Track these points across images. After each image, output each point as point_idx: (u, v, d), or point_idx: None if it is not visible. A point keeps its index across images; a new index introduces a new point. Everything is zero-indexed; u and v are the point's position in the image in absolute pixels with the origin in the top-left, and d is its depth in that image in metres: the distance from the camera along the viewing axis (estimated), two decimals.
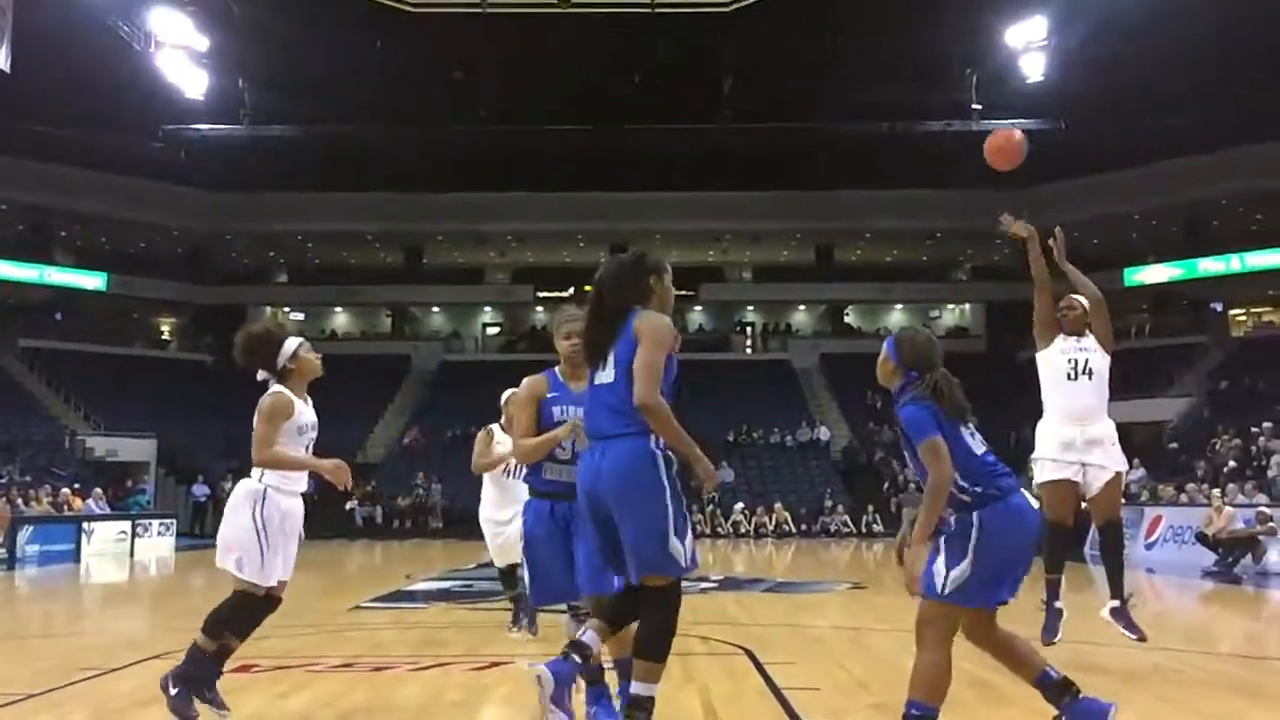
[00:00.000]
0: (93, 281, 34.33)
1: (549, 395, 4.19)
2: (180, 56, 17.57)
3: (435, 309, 40.90)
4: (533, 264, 39.68)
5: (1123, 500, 5.99)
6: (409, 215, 35.60)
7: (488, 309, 40.98)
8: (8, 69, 15.51)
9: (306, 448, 4.48)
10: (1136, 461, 20.79)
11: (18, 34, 15.59)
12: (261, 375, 4.53)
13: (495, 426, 6.81)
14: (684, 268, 39.53)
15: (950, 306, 40.73)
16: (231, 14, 16.42)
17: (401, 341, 38.74)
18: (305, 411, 4.48)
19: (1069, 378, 5.93)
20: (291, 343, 4.52)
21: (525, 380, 4.31)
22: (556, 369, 4.31)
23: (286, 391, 4.46)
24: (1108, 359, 5.95)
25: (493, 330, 40.63)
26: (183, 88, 18.77)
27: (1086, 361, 5.91)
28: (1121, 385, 6.59)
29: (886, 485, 28.52)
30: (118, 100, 22.41)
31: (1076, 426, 5.82)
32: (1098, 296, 6.12)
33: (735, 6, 13.19)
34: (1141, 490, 19.74)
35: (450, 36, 18.87)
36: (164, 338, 38.54)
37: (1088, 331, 6.04)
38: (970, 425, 3.65)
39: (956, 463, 3.49)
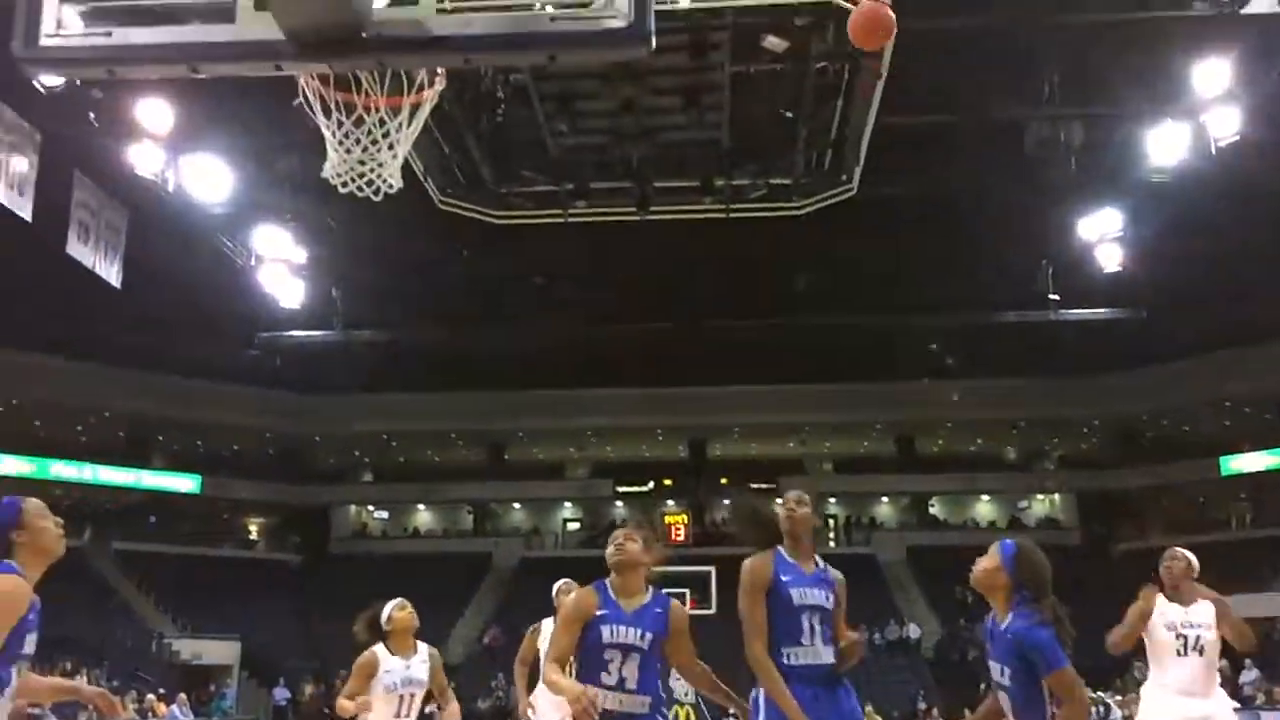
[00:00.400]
0: (186, 484, 35.23)
1: (598, 613, 3.98)
2: (279, 269, 18.41)
3: (516, 505, 41.06)
4: (612, 459, 39.85)
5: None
6: (491, 413, 36.22)
7: (568, 504, 41.02)
8: (118, 285, 16.41)
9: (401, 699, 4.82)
10: (1249, 662, 19.66)
11: (127, 251, 16.57)
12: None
13: (547, 622, 6.45)
14: (763, 461, 39.47)
15: (1039, 497, 39.77)
16: (329, 228, 17.25)
17: (483, 538, 38.82)
18: (396, 666, 4.92)
19: (1178, 654, 5.54)
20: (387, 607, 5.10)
21: (574, 594, 4.16)
22: (609, 581, 4.10)
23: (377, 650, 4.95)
24: (1217, 634, 5.51)
25: (573, 525, 40.54)
26: (280, 297, 19.56)
27: (1198, 639, 5.49)
28: (1224, 579, 6.31)
29: (983, 686, 27.27)
30: (218, 311, 23.50)
31: (1188, 701, 5.48)
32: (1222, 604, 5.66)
33: (809, 210, 13.53)
34: (1256, 693, 18.61)
35: (532, 243, 19.58)
36: (252, 538, 39.10)
37: (1197, 597, 5.62)
38: None
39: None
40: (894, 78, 11.22)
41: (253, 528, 39.51)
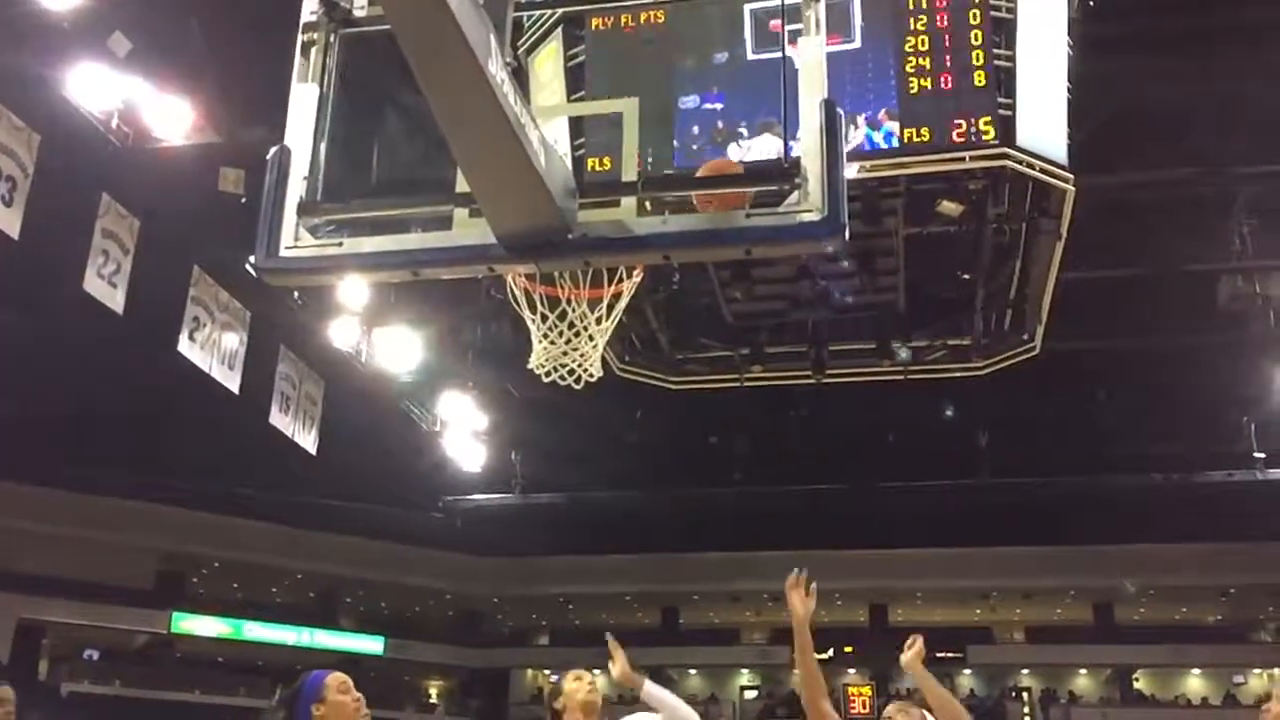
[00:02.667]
0: (373, 645, 36.00)
1: None
2: (462, 434, 19.08)
3: (692, 671, 40.27)
4: (790, 624, 38.82)
5: None
6: (665, 576, 36.02)
7: (745, 671, 39.99)
8: (314, 451, 17.28)
9: None
10: None
11: (324, 419, 17.50)
12: None
13: None
14: (950, 628, 37.79)
15: (1257, 671, 36.65)
16: (510, 395, 17.86)
17: None
18: None
19: None
20: None
21: None
22: None
23: None
24: None
25: (750, 694, 39.41)
26: (462, 462, 20.21)
27: None
28: None
29: None
30: (404, 475, 24.41)
31: None
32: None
33: (989, 370, 13.28)
34: None
35: (707, 405, 19.76)
36: (432, 701, 39.42)
37: None
38: None
39: None
40: (1077, 234, 11.05)
41: (433, 690, 39.88)
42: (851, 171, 10.17)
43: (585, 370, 4.17)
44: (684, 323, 14.08)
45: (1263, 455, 19.10)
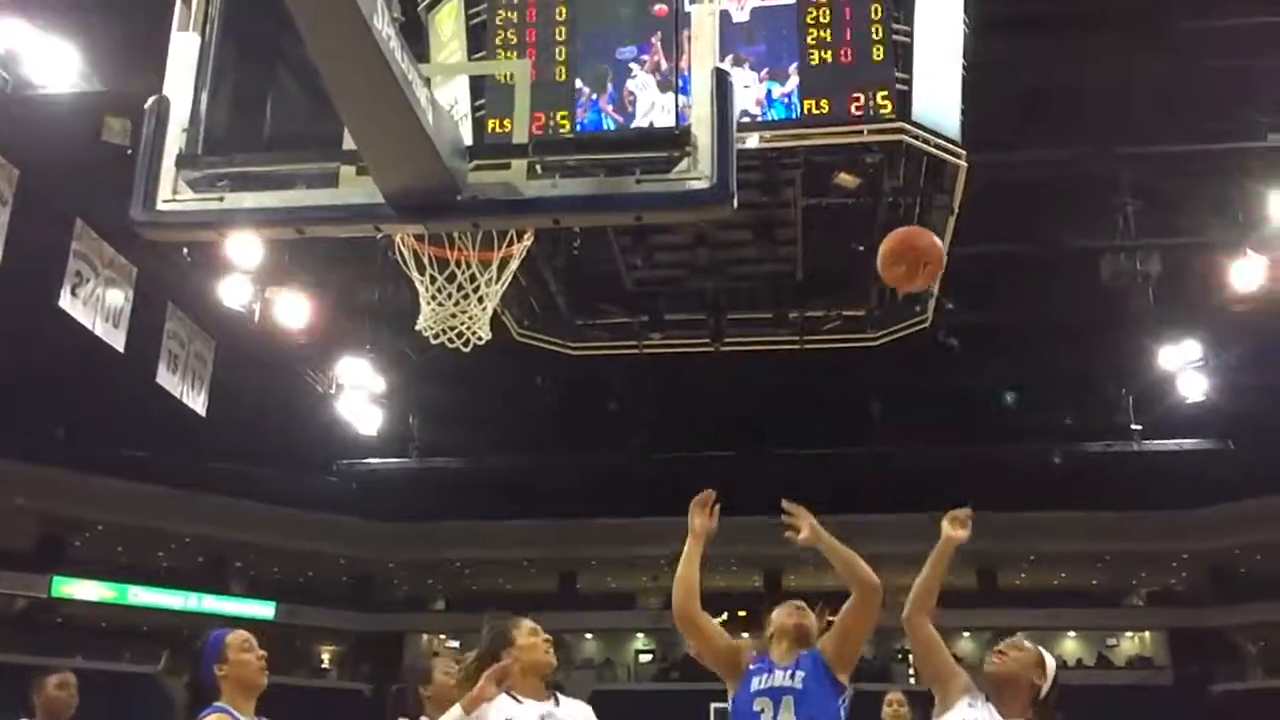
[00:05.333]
0: (263, 610, 35.44)
1: None
2: (358, 397, 18.81)
3: (588, 635, 40.55)
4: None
5: None
6: (563, 541, 36.13)
7: (640, 635, 40.41)
8: (203, 412, 16.89)
9: None
10: None
11: (214, 381, 17.10)
12: None
13: None
14: (841, 593, 38.57)
15: (1128, 635, 38.30)
16: (408, 358, 17.65)
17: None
18: None
19: None
20: None
21: None
22: None
23: None
24: None
25: (646, 658, 39.86)
26: (358, 426, 19.95)
27: None
28: None
29: None
30: (297, 437, 24.01)
31: None
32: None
33: (883, 341, 13.54)
34: None
35: (606, 372, 19.81)
36: (323, 666, 39.04)
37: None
38: None
39: None
40: (968, 210, 11.31)
41: (325, 656, 39.48)
42: (752, 141, 10.25)
43: (474, 333, 4.14)
44: (584, 288, 14.07)
45: (1139, 428, 19.82)
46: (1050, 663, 3.69)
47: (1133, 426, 19.88)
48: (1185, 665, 34.62)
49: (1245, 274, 13.67)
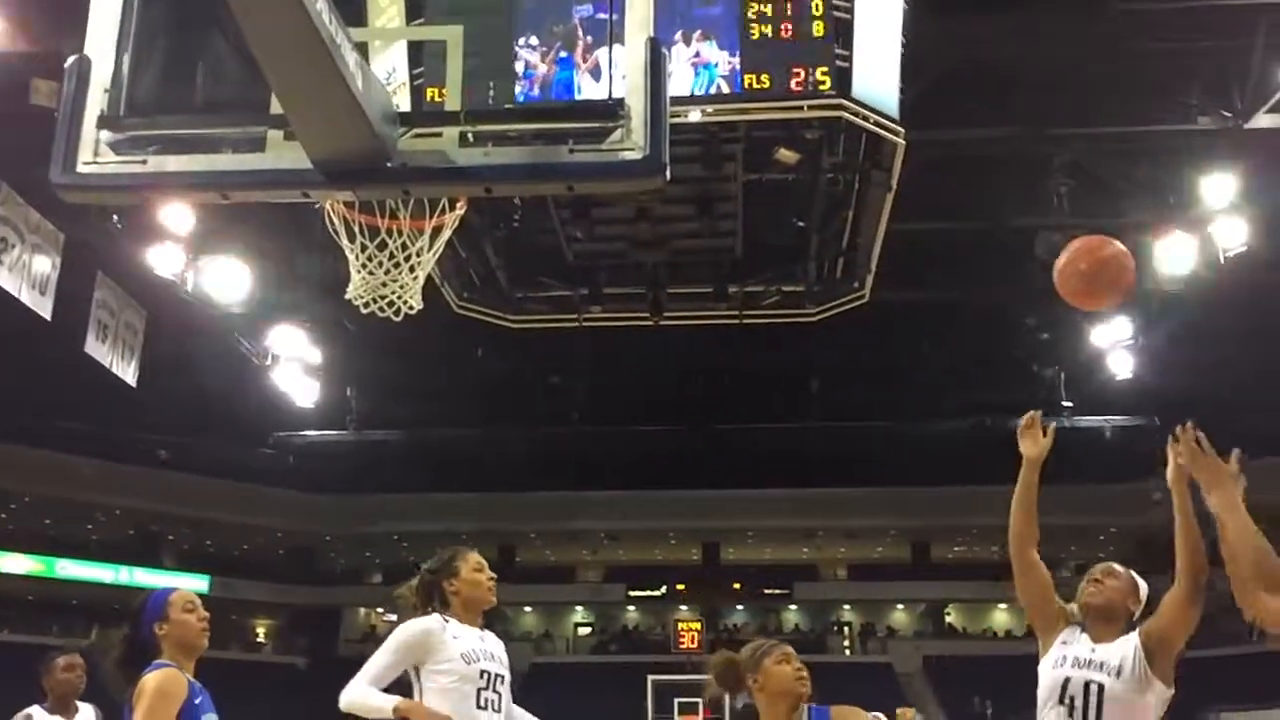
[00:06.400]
0: (197, 584, 34.99)
1: None
2: (295, 369, 18.58)
3: (527, 608, 40.61)
4: (624, 562, 39.50)
5: None
6: (503, 514, 36.08)
7: (579, 608, 40.57)
8: (134, 383, 16.58)
9: None
10: None
11: (145, 351, 16.78)
12: None
13: None
14: (777, 566, 39.10)
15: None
16: (344, 329, 17.44)
17: None
18: None
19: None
20: None
21: None
22: None
23: None
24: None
25: (584, 631, 40.03)
26: (295, 397, 19.70)
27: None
28: (1238, 691, 6.13)
29: None
30: (232, 410, 23.68)
31: None
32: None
33: (821, 317, 13.65)
34: None
35: (547, 345, 19.75)
36: (258, 640, 38.69)
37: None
38: None
39: None
40: (906, 188, 11.41)
41: (260, 629, 39.13)
42: (694, 116, 10.25)
43: (405, 302, 4.10)
44: (524, 261, 14.01)
45: (1071, 404, 20.19)
46: (1144, 587, 3.74)
47: (1064, 403, 20.28)
48: None
49: (1175, 254, 13.97)
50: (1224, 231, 13.15)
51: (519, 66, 8.90)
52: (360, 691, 3.83)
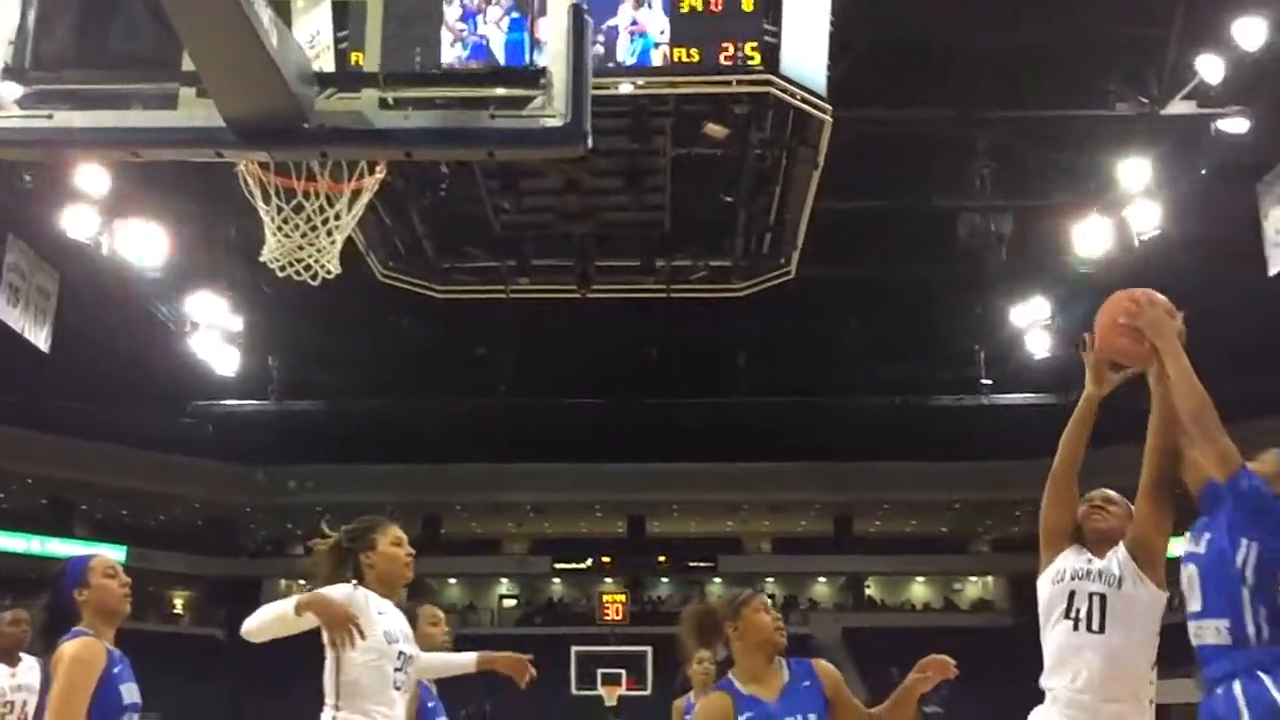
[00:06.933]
0: (112, 554, 34.29)
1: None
2: (214, 336, 18.21)
3: (452, 580, 40.47)
4: (550, 535, 39.53)
5: None
6: (428, 486, 35.86)
7: (504, 580, 40.54)
8: (46, 349, 16.14)
9: None
10: None
11: (58, 316, 16.34)
12: None
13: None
14: (702, 539, 39.41)
15: (973, 579, 40.07)
16: (265, 296, 17.13)
17: None
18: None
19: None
20: None
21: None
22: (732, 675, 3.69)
23: None
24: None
25: (509, 603, 40.03)
26: (214, 366, 19.34)
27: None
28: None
29: None
30: (150, 378, 23.18)
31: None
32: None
33: (748, 292, 13.73)
34: None
35: (473, 316, 19.62)
36: (176, 611, 38.09)
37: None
38: None
39: (1259, 583, 3.09)
40: (832, 165, 11.52)
41: (177, 601, 38.51)
42: (624, 88, 10.22)
43: (323, 266, 4.04)
44: (451, 231, 13.89)
45: (989, 382, 20.56)
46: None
47: (983, 380, 20.66)
48: (1023, 608, 36.42)
49: (1092, 236, 14.29)
50: (1139, 215, 13.46)
51: (447, 32, 8.78)
52: (257, 613, 3.78)
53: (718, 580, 39.45)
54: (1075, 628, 3.66)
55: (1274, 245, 12.67)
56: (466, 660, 4.44)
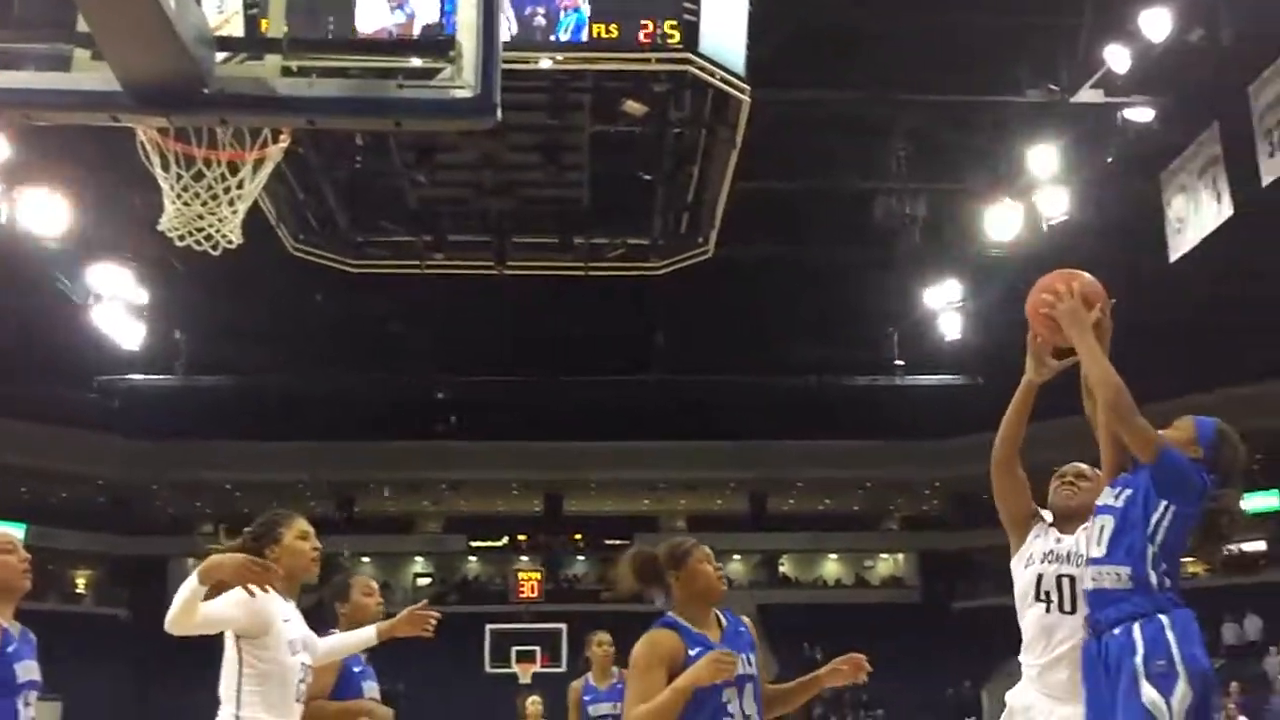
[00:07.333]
0: (11, 533, 33.31)
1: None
2: (119, 309, 17.73)
3: (365, 559, 40.03)
4: (466, 513, 39.31)
5: None
6: (341, 464, 35.40)
7: (419, 559, 40.24)
8: None
9: None
10: None
11: None
12: None
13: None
14: (617, 517, 39.54)
15: (884, 556, 40.82)
16: (173, 269, 16.71)
17: None
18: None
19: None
20: None
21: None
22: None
23: None
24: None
25: (424, 581, 39.75)
26: (119, 340, 18.83)
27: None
28: None
29: None
30: (53, 352, 22.48)
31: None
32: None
33: (666, 271, 13.76)
34: None
35: (389, 292, 19.37)
36: (78, 591, 37.13)
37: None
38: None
39: (1167, 541, 3.33)
40: (751, 145, 11.57)
41: (80, 580, 37.52)
42: (543, 63, 10.13)
43: (224, 236, 3.93)
44: (365, 204, 13.67)
45: (902, 363, 20.88)
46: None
47: (896, 361, 20.99)
48: (932, 584, 37.26)
49: (1002, 220, 14.57)
50: (1048, 200, 13.76)
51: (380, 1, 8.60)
52: (173, 601, 3.63)
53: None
54: (1048, 610, 3.72)
55: (1175, 233, 13.03)
56: (367, 635, 4.35)
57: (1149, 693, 3.14)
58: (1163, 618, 3.24)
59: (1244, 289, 21.52)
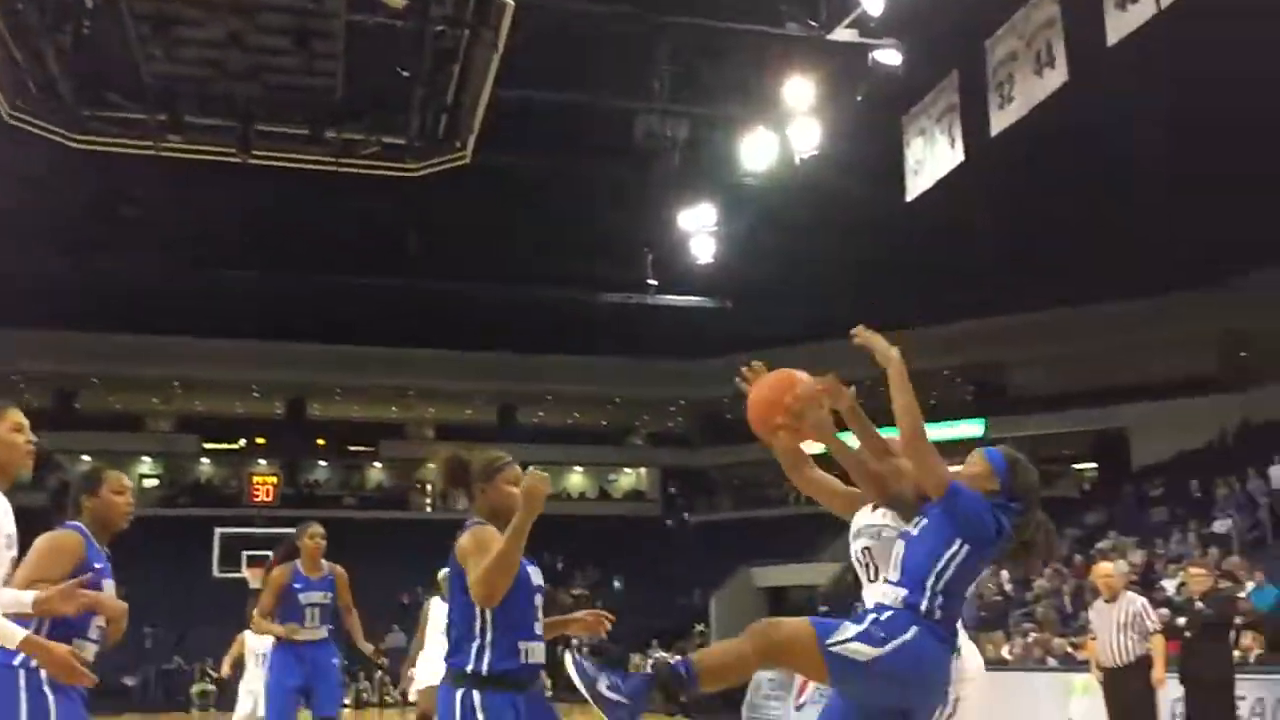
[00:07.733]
0: None
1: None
2: None
3: (86, 457, 37.63)
4: (201, 413, 37.58)
5: None
6: (61, 356, 33.00)
7: (146, 459, 38.23)
8: None
9: None
10: None
11: None
12: None
13: None
14: (363, 423, 38.85)
15: (627, 471, 41.97)
16: None
17: (45, 492, 35.32)
18: None
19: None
20: None
21: None
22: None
23: None
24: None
25: (151, 483, 37.84)
26: None
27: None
28: (779, 550, 6.73)
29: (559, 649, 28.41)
30: None
31: None
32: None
33: (422, 173, 13.41)
34: None
35: (121, 172, 18.01)
36: None
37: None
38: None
39: (954, 577, 3.48)
40: (515, 52, 11.33)
41: None
42: None
43: None
44: (93, 74, 12.59)
45: (655, 283, 21.24)
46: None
47: (650, 282, 21.34)
48: (672, 499, 38.67)
49: (757, 150, 14.92)
50: (801, 133, 14.15)
51: None
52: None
53: (378, 464, 39.12)
54: (866, 579, 3.97)
55: (912, 173, 13.70)
56: (22, 600, 3.74)
57: (858, 645, 3.36)
58: (913, 627, 3.41)
59: (968, 231, 23.05)
